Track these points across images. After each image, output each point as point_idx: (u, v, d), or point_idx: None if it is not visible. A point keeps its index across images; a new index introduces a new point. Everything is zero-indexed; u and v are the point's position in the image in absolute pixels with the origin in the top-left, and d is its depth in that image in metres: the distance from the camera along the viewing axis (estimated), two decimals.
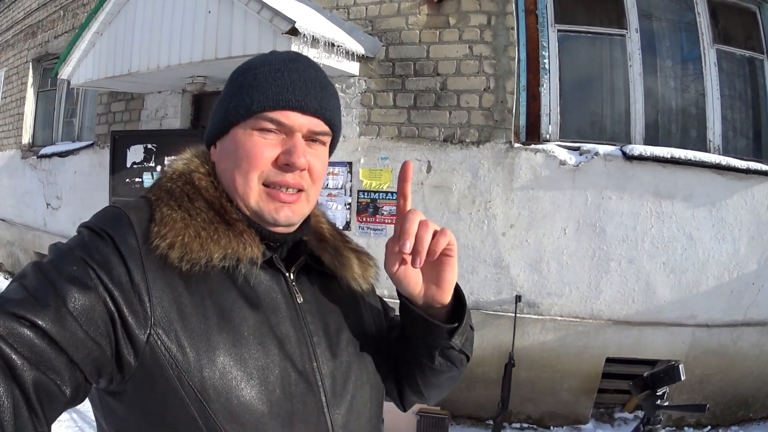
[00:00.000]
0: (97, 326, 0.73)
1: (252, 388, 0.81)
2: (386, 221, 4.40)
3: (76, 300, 0.72)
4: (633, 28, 4.42)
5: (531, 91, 4.31)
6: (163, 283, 0.80)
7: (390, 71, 4.46)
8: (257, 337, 0.84)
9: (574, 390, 4.29)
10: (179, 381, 0.77)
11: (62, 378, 0.70)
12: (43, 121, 8.19)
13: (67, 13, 7.38)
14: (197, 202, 0.87)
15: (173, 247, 0.80)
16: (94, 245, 0.78)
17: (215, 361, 0.79)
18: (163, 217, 0.83)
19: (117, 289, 0.76)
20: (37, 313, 0.69)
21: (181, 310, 0.80)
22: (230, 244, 0.84)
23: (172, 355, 0.77)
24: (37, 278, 0.74)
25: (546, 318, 4.17)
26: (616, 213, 4.15)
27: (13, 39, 8.98)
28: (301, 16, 3.94)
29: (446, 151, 4.28)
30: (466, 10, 4.28)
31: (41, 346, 0.68)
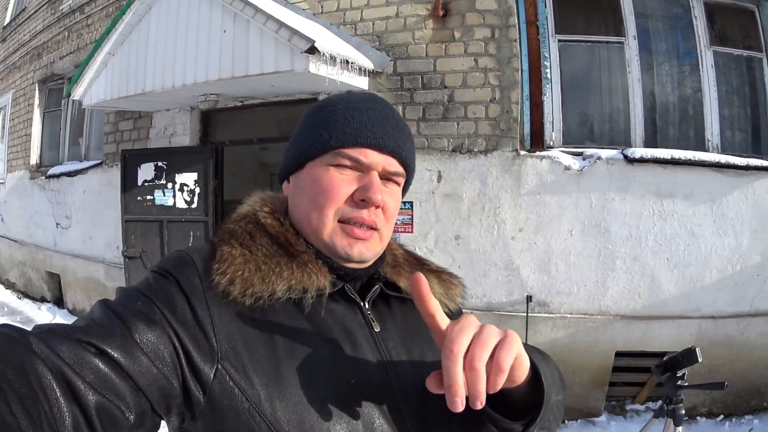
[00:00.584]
0: (163, 359, 0.75)
1: (326, 419, 0.79)
2: (399, 230, 4.59)
3: (142, 332, 0.75)
4: (631, 35, 4.63)
5: (534, 100, 4.52)
6: (229, 318, 0.81)
7: (398, 85, 4.67)
8: (330, 368, 0.83)
9: (586, 384, 4.48)
10: (250, 414, 0.77)
11: (126, 403, 0.71)
12: (49, 142, 8.34)
13: (72, 33, 7.55)
14: (259, 238, 0.89)
15: (233, 283, 0.82)
16: (158, 285, 0.82)
17: (285, 393, 0.79)
18: (223, 255, 0.85)
19: (181, 326, 0.78)
20: (103, 340, 0.71)
21: (247, 343, 0.80)
22: (293, 275, 0.85)
23: (241, 388, 0.78)
24: (104, 311, 0.77)
25: (556, 316, 4.37)
26: (619, 213, 4.36)
27: (20, 61, 9.16)
28: (316, 34, 4.12)
29: (455, 160, 4.50)
30: (471, 24, 4.51)
31: (105, 371, 0.70)
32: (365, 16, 4.82)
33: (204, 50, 4.37)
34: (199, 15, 4.42)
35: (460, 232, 4.50)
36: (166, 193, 5.63)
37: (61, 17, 7.85)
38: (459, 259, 4.49)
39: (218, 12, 4.31)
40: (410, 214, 4.60)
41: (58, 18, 7.90)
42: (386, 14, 4.74)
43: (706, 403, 4.66)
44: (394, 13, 4.71)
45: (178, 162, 5.53)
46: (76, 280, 7.12)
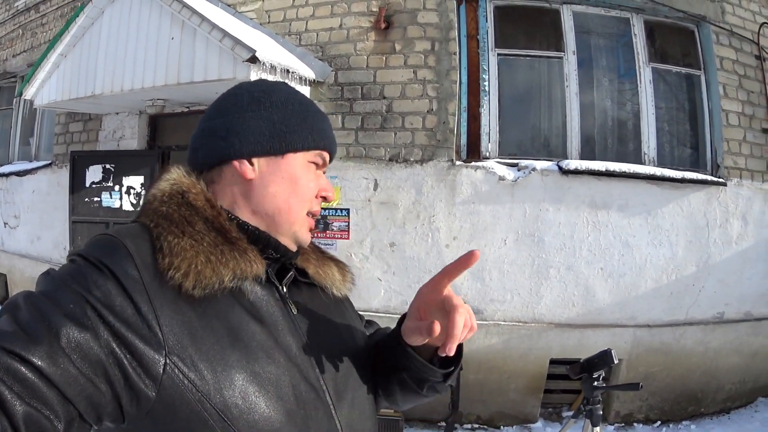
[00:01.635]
0: (92, 364, 0.75)
1: (270, 401, 0.86)
2: (336, 236, 4.82)
3: (71, 337, 0.73)
4: (570, 51, 4.96)
5: (472, 112, 4.82)
6: (171, 310, 0.82)
7: (339, 95, 4.92)
8: (266, 350, 0.89)
9: (521, 390, 4.72)
10: (201, 405, 0.81)
11: (54, 413, 0.70)
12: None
13: (26, 32, 7.61)
14: (197, 224, 0.91)
15: (187, 276, 0.84)
16: (93, 279, 0.80)
17: (233, 380, 0.83)
18: (172, 247, 0.86)
19: (123, 325, 0.78)
20: (28, 349, 0.70)
21: (192, 335, 0.83)
22: (238, 264, 0.89)
23: (191, 380, 0.80)
24: (30, 312, 0.75)
25: (490, 323, 4.61)
26: (553, 223, 4.64)
27: None
28: (259, 44, 4.33)
29: (392, 169, 4.75)
30: (412, 37, 4.78)
31: (32, 380, 0.69)
32: (310, 26, 5.05)
33: (152, 56, 4.54)
34: (149, 21, 4.60)
35: (396, 240, 4.73)
36: (113, 195, 5.76)
37: (15, 14, 7.88)
38: (394, 266, 4.73)
39: (167, 19, 4.50)
40: (347, 221, 4.82)
41: (13, 15, 7.93)
42: (330, 25, 4.97)
43: (642, 410, 4.95)
44: (338, 24, 4.95)
45: (125, 165, 5.68)
46: (23, 280, 7.17)
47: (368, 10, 4.89)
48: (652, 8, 5.02)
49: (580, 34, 5.08)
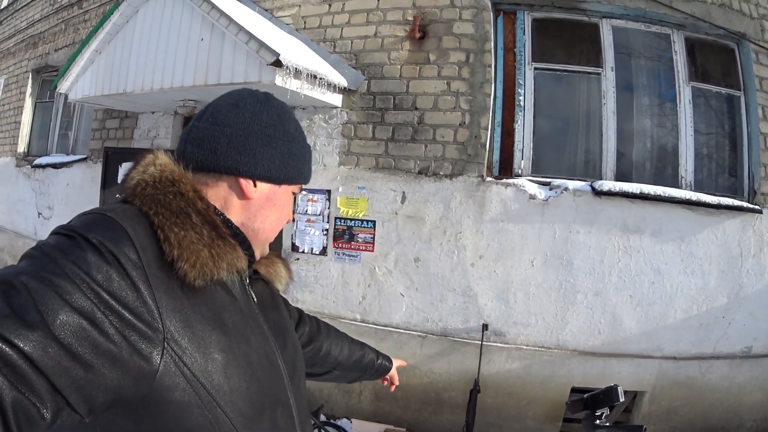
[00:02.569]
0: (89, 351, 0.74)
1: (249, 381, 0.93)
2: (360, 248, 4.61)
3: (67, 324, 0.72)
4: (609, 67, 4.64)
5: (506, 127, 4.54)
6: (169, 296, 0.85)
7: (371, 104, 4.70)
8: (243, 335, 0.96)
9: (539, 417, 4.43)
10: (193, 387, 0.84)
11: (42, 401, 0.70)
12: (39, 132, 8.37)
13: (69, 27, 7.59)
14: (193, 216, 0.93)
15: (194, 268, 0.87)
16: (94, 262, 0.78)
17: (221, 364, 0.88)
18: (180, 239, 0.88)
19: (125, 309, 0.78)
20: (20, 335, 0.69)
21: (186, 320, 0.86)
22: (232, 259, 0.95)
23: (185, 363, 0.83)
24: (25, 294, 0.72)
25: (512, 347, 4.35)
26: (583, 246, 4.34)
27: (14, 48, 9.16)
28: (287, 48, 4.15)
29: (420, 182, 4.50)
30: (446, 47, 4.53)
31: (22, 368, 0.68)
32: (345, 34, 4.85)
33: (182, 56, 4.40)
34: (181, 22, 4.46)
35: (421, 255, 4.49)
36: None
37: (59, 9, 7.87)
38: (417, 282, 4.49)
39: (198, 21, 4.35)
40: (372, 233, 4.61)
41: (56, 10, 7.93)
42: (365, 33, 4.77)
43: None
44: (372, 32, 4.74)
45: None
46: None
47: (404, 18, 4.66)
48: (693, 24, 4.69)
49: (620, 50, 4.76)
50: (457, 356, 4.39)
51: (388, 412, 4.58)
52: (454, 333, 4.43)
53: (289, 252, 4.89)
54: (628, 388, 4.27)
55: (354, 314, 4.67)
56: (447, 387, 4.42)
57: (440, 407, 4.46)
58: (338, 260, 4.71)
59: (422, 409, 4.51)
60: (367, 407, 4.66)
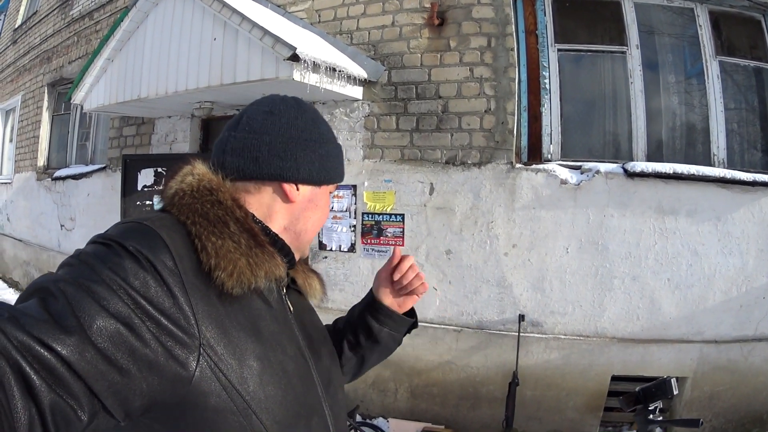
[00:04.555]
0: (126, 356, 0.73)
1: (284, 389, 0.90)
2: (390, 243, 4.43)
3: (104, 329, 0.72)
4: (633, 45, 4.41)
5: (532, 112, 4.32)
6: (204, 302, 0.83)
7: (393, 95, 4.51)
8: (279, 343, 0.94)
9: (579, 408, 4.24)
10: (229, 394, 0.83)
11: (79, 404, 0.70)
12: (58, 144, 8.32)
13: (81, 39, 7.51)
14: (230, 225, 0.91)
15: (231, 277, 0.86)
16: (131, 269, 0.77)
17: (255, 371, 0.86)
18: (218, 249, 0.87)
19: (162, 316, 0.77)
20: (57, 339, 0.69)
21: (222, 327, 0.84)
22: (270, 268, 0.92)
23: (221, 370, 0.82)
24: (63, 300, 0.72)
25: (549, 337, 4.15)
26: (618, 230, 4.13)
27: (29, 64, 9.15)
28: (303, 42, 3.98)
29: (448, 173, 4.31)
30: (467, 33, 4.32)
31: (60, 371, 0.68)
32: (361, 25, 4.67)
33: (195, 58, 4.26)
34: (192, 23, 4.32)
35: (452, 247, 4.30)
36: None
37: (71, 22, 7.82)
38: (450, 275, 4.29)
39: (209, 20, 4.20)
40: (401, 227, 4.42)
41: (68, 23, 7.88)
42: (382, 23, 4.58)
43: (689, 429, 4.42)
44: (390, 22, 4.55)
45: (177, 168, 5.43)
46: None
47: (421, 6, 4.46)
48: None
49: (644, 27, 4.52)
50: (494, 349, 4.19)
51: (424, 410, 4.41)
52: (490, 325, 4.23)
53: (316, 251, 4.72)
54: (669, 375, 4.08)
55: None
56: (485, 381, 4.22)
57: (478, 402, 4.27)
58: (367, 256, 4.52)
59: (460, 405, 4.32)
60: (403, 405, 4.48)
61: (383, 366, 4.46)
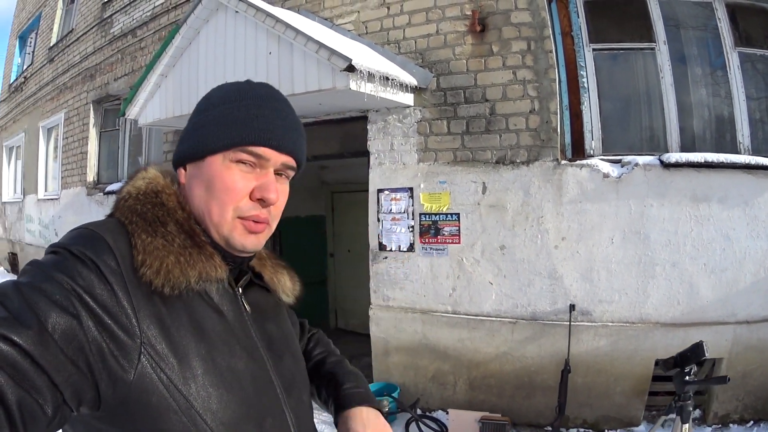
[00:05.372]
0: (77, 351, 0.71)
1: (230, 390, 0.83)
2: (447, 241, 4.33)
3: (57, 324, 0.70)
4: (661, 41, 4.30)
5: (573, 110, 4.21)
6: (146, 302, 0.79)
7: (442, 100, 4.40)
8: (227, 343, 0.86)
9: (627, 393, 4.15)
10: (170, 392, 0.77)
11: (44, 398, 0.67)
12: (107, 160, 8.16)
13: (126, 56, 7.36)
14: (169, 225, 0.86)
15: (158, 275, 0.80)
16: (77, 270, 0.75)
17: (198, 370, 0.80)
18: (146, 246, 0.81)
19: (105, 313, 0.74)
20: (19, 333, 0.66)
21: (164, 327, 0.79)
22: (204, 267, 0.85)
23: (162, 369, 0.77)
24: (19, 300, 0.70)
25: (598, 324, 4.04)
26: (658, 219, 4.02)
27: (71, 82, 8.94)
28: (356, 53, 3.90)
29: (499, 172, 4.21)
30: (507, 38, 4.22)
31: (23, 365, 0.66)
32: (407, 34, 4.56)
33: (252, 71, 4.16)
34: (246, 38, 4.22)
35: (506, 242, 4.20)
36: None
37: (112, 40, 7.63)
38: (504, 269, 4.19)
39: (263, 35, 4.10)
40: (457, 226, 4.31)
41: (110, 41, 7.69)
42: (427, 32, 4.47)
43: (738, 410, 4.30)
44: (434, 30, 4.44)
45: None
46: None
47: (462, 13, 4.36)
48: None
49: (669, 23, 4.40)
50: (547, 339, 4.08)
51: (482, 401, 4.32)
52: (543, 316, 4.12)
53: (376, 252, 4.59)
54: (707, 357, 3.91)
55: (445, 306, 4.39)
56: (539, 370, 4.13)
57: (533, 391, 4.18)
58: (426, 255, 4.41)
59: (516, 395, 4.22)
60: (462, 397, 4.40)
61: (443, 360, 4.35)
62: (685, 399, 2.59)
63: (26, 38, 12.38)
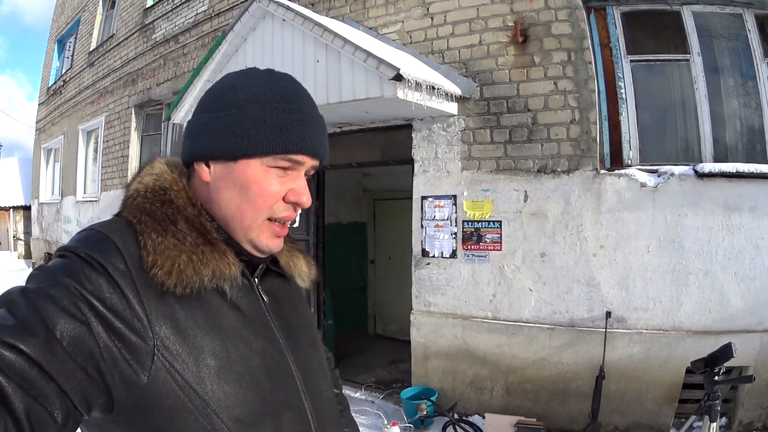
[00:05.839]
0: (86, 357, 0.67)
1: (247, 387, 0.78)
2: (489, 248, 4.23)
3: (66, 330, 0.66)
4: (695, 52, 4.16)
5: (612, 120, 4.10)
6: (158, 302, 0.74)
7: (486, 110, 4.30)
8: (244, 339, 0.81)
9: (658, 400, 4.02)
10: (185, 393, 0.73)
11: (53, 405, 0.64)
12: None
13: (168, 62, 7.24)
14: (179, 223, 0.80)
15: (170, 275, 0.74)
16: (85, 273, 0.70)
17: (214, 370, 0.75)
18: (156, 246, 0.76)
19: (115, 317, 0.70)
20: (26, 342, 0.63)
21: (177, 326, 0.74)
22: (217, 266, 0.79)
23: (176, 370, 0.72)
24: (27, 307, 0.66)
25: (633, 332, 3.92)
26: (691, 228, 3.90)
27: (112, 86, 8.81)
28: (403, 62, 3.81)
29: (540, 180, 4.10)
30: (548, 48, 4.12)
31: (31, 374, 0.62)
32: (451, 44, 4.45)
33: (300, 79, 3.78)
34: (293, 46, 4.14)
35: (546, 250, 4.09)
36: None
37: (154, 45, 7.52)
38: (544, 276, 4.09)
39: (311, 43, 4.01)
40: (499, 233, 4.21)
41: (152, 46, 7.57)
42: (470, 42, 4.37)
43: (762, 418, 4.13)
44: (477, 41, 4.34)
45: None
46: None
47: (504, 24, 4.26)
48: (759, 1, 4.15)
49: (702, 34, 4.25)
50: (583, 345, 3.97)
51: (518, 406, 4.21)
52: (580, 323, 4.00)
53: (419, 258, 4.49)
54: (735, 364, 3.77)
55: (485, 312, 4.27)
56: (574, 376, 4.02)
57: (567, 397, 4.08)
58: (468, 261, 4.31)
59: (551, 400, 4.11)
60: (498, 402, 4.30)
61: (481, 365, 4.24)
62: (714, 398, 2.62)
63: (65, 42, 12.25)
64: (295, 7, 4.11)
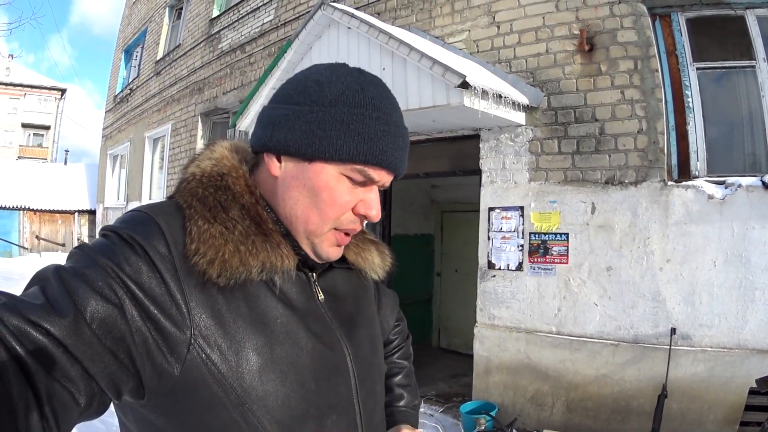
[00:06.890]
0: (117, 341, 0.56)
1: (292, 387, 0.65)
2: (555, 261, 3.78)
3: (96, 312, 0.56)
4: (761, 58, 3.59)
5: (679, 130, 3.61)
6: (200, 291, 0.62)
7: (553, 119, 3.85)
8: (292, 337, 0.68)
9: (719, 421, 3.49)
10: (221, 387, 0.61)
11: (77, 387, 0.54)
12: None
13: (234, 71, 6.90)
14: (232, 210, 0.67)
15: (213, 264, 0.62)
16: (124, 255, 0.60)
17: (255, 366, 0.63)
18: (201, 233, 0.63)
19: (151, 302, 0.59)
20: (53, 322, 0.53)
21: (219, 318, 0.63)
22: (268, 257, 0.66)
23: (213, 362, 0.61)
24: (59, 286, 0.56)
25: (697, 349, 3.42)
26: (759, 242, 3.35)
27: (178, 94, 8.51)
28: (469, 70, 3.42)
29: (608, 192, 3.63)
30: (615, 57, 3.65)
31: (56, 354, 0.53)
32: (518, 53, 4.01)
33: None
34: (359, 54, 3.80)
35: (612, 263, 3.62)
36: None
37: (220, 55, 7.20)
38: (610, 290, 3.63)
39: (377, 51, 3.67)
40: (566, 246, 3.77)
41: (218, 56, 7.25)
42: (537, 51, 3.92)
43: None
44: (544, 49, 3.89)
45: None
46: None
47: (570, 33, 3.82)
48: None
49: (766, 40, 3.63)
50: (646, 362, 3.51)
51: (578, 424, 3.77)
52: (645, 339, 3.54)
53: (485, 270, 4.08)
54: None
55: (549, 326, 3.83)
56: (636, 394, 3.56)
57: (628, 415, 3.61)
58: (533, 274, 3.87)
59: (611, 419, 3.66)
60: (558, 419, 3.85)
61: (542, 380, 3.79)
62: None
63: (131, 52, 11.96)
64: (360, 15, 3.78)
